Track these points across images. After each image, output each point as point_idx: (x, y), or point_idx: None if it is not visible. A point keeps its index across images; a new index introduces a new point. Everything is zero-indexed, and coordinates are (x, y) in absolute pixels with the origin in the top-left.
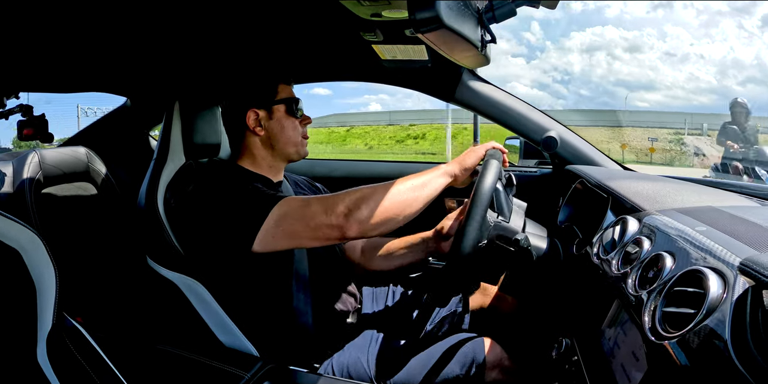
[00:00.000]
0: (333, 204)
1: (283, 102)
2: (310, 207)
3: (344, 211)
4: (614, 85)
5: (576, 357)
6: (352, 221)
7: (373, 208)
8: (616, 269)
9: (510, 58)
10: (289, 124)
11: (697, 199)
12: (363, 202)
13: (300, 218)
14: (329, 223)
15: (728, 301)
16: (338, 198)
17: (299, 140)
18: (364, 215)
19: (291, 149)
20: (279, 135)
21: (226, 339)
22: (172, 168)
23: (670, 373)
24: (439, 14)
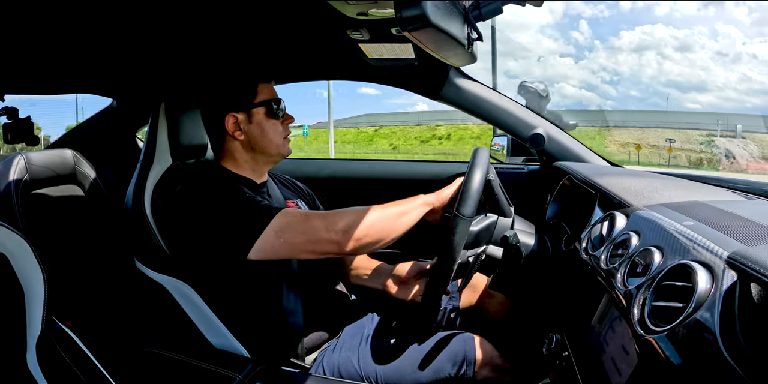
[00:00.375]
0: (333, 221)
1: (263, 104)
2: (312, 221)
3: (344, 228)
4: (665, 86)
5: (566, 352)
6: (350, 238)
7: (369, 227)
8: (604, 264)
9: (558, 58)
10: (270, 126)
11: (685, 194)
12: (360, 221)
13: (302, 232)
14: (329, 238)
15: (717, 294)
16: (337, 216)
17: (281, 141)
18: (361, 233)
19: (273, 151)
20: (260, 138)
21: (216, 340)
22: (159, 169)
23: (660, 366)
24: (425, 12)
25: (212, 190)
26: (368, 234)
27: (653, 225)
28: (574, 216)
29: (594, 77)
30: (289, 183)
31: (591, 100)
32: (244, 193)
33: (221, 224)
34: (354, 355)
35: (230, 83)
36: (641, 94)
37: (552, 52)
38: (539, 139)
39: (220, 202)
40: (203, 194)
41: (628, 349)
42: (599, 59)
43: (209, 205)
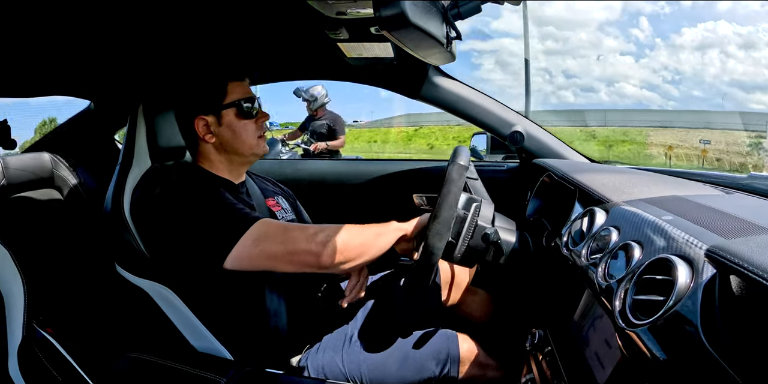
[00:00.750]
0: (312, 232)
1: (233, 105)
2: (291, 232)
3: (323, 240)
4: (728, 86)
5: (549, 347)
6: (329, 250)
7: (347, 244)
8: (585, 260)
9: (618, 57)
10: (241, 126)
11: (663, 189)
12: (338, 235)
13: (281, 241)
14: (308, 250)
15: (697, 287)
16: (317, 228)
17: (255, 141)
18: (339, 248)
19: (247, 152)
20: (232, 140)
21: (199, 344)
22: (138, 172)
23: (643, 359)
24: (404, 12)
25: (190, 195)
26: (347, 249)
27: (633, 220)
28: (554, 212)
29: (655, 76)
30: (268, 181)
31: (652, 100)
32: (224, 198)
33: (198, 232)
34: (338, 355)
35: (197, 85)
36: (704, 94)
37: (612, 50)
38: (518, 137)
39: (198, 208)
40: (181, 199)
41: (611, 343)
42: (660, 58)
43: (187, 212)
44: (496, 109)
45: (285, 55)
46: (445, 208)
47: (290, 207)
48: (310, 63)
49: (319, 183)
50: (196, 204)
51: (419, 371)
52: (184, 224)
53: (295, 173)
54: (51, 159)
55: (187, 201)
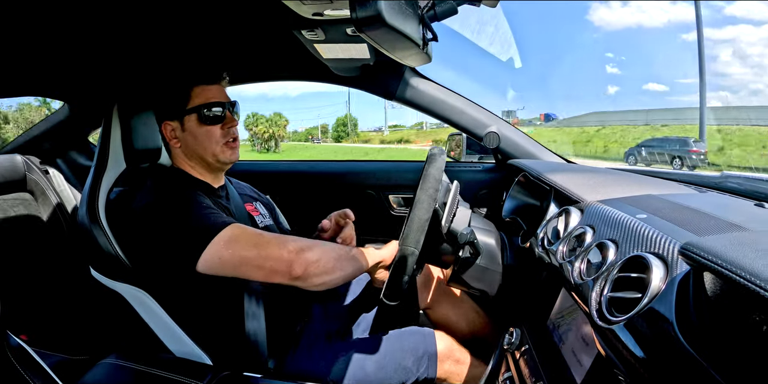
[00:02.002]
0: (286, 240)
1: (195, 110)
2: (264, 237)
3: (296, 249)
4: None
5: (527, 346)
6: (302, 259)
7: (321, 255)
8: (561, 258)
9: None
10: (203, 132)
11: (638, 189)
12: (314, 247)
13: (253, 245)
14: (279, 256)
15: (671, 284)
16: (291, 238)
17: (218, 148)
18: (313, 258)
19: (210, 159)
20: (193, 146)
21: (177, 348)
22: (113, 174)
23: (620, 356)
24: (380, 13)
25: (165, 198)
26: (320, 260)
27: (607, 219)
28: (530, 212)
29: None
30: (247, 188)
31: None
32: (199, 202)
33: (171, 234)
34: (318, 357)
35: (162, 90)
36: None
37: None
38: (493, 138)
39: (171, 211)
40: (156, 202)
41: (587, 340)
42: None
43: (161, 215)
44: (471, 110)
45: (260, 56)
46: (420, 211)
47: (268, 213)
48: (286, 64)
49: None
50: (170, 207)
51: (397, 369)
52: (158, 227)
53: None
54: (24, 161)
55: (162, 204)
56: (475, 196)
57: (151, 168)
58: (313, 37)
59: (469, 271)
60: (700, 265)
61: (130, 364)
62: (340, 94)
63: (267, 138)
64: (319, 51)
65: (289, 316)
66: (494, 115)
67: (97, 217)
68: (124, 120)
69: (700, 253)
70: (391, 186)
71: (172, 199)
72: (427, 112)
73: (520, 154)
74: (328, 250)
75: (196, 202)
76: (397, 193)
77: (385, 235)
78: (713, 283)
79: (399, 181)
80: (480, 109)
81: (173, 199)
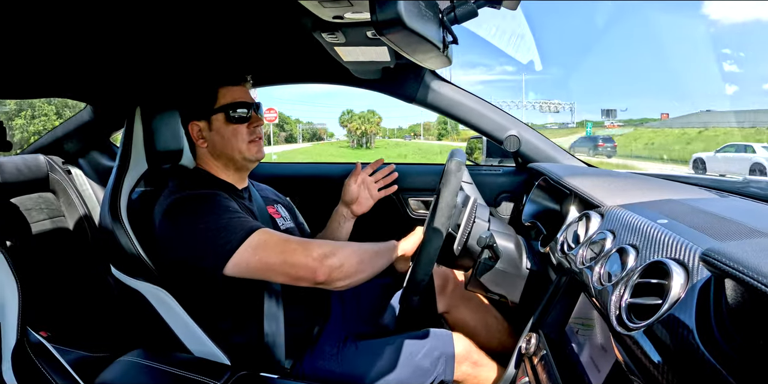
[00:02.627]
0: (311, 246)
1: (222, 110)
2: (290, 243)
3: (321, 255)
4: None
5: (545, 351)
6: (326, 266)
7: (345, 260)
8: (581, 263)
9: None
10: (230, 132)
11: (658, 193)
12: (338, 252)
13: (280, 252)
14: (305, 263)
15: (692, 291)
16: (315, 243)
17: (245, 146)
18: (336, 263)
19: (237, 157)
20: (221, 146)
21: (195, 347)
22: (135, 175)
23: (638, 363)
24: (400, 16)
25: (192, 201)
26: (344, 265)
27: (628, 224)
28: (550, 216)
29: None
30: (268, 190)
31: None
32: (226, 205)
33: (199, 238)
34: (335, 358)
35: (189, 90)
36: None
37: None
38: (514, 141)
39: (200, 215)
40: (183, 203)
41: (606, 346)
42: None
43: (189, 218)
44: (491, 114)
45: (282, 59)
46: (440, 215)
47: (289, 216)
48: (307, 66)
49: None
50: (199, 210)
51: (415, 370)
52: (186, 230)
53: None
54: (47, 162)
55: (190, 207)
56: (495, 200)
57: (172, 169)
58: (334, 39)
59: (487, 274)
60: (721, 271)
61: (148, 362)
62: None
63: (360, 134)
64: (339, 54)
65: (307, 317)
66: (514, 119)
67: (119, 217)
68: (146, 121)
69: (722, 260)
70: (411, 189)
71: (199, 201)
72: (448, 115)
73: (541, 157)
74: (351, 254)
75: (222, 206)
76: (418, 196)
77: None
78: (735, 291)
79: (419, 184)
80: (501, 112)
81: (199, 201)
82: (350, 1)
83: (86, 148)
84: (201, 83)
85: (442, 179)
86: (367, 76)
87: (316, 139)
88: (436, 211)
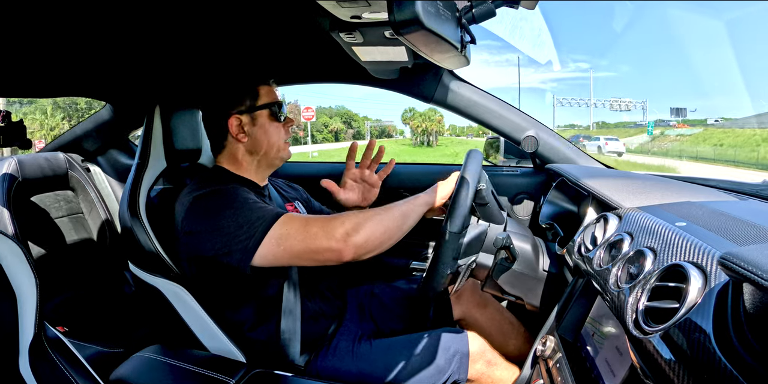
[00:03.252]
0: (332, 228)
1: (267, 106)
2: (311, 228)
3: (343, 235)
4: None
5: (560, 354)
6: (350, 245)
7: (369, 234)
8: (598, 266)
9: None
10: (273, 128)
11: (677, 195)
12: (360, 228)
13: (302, 240)
14: (329, 247)
15: (710, 295)
16: (337, 221)
17: (282, 144)
18: (360, 240)
19: (274, 154)
20: (263, 141)
21: (211, 344)
22: (153, 173)
23: (654, 367)
24: (418, 16)
25: (212, 197)
26: (368, 239)
27: (646, 226)
28: (568, 218)
29: None
30: (286, 186)
31: None
32: (245, 198)
33: (223, 235)
34: (350, 356)
35: (233, 85)
36: None
37: None
38: (532, 142)
39: (221, 210)
40: (203, 201)
41: (622, 350)
42: None
43: (210, 214)
44: (509, 114)
45: (301, 59)
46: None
47: (306, 211)
48: (325, 65)
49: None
50: (220, 206)
51: (430, 369)
52: (208, 228)
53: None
54: (66, 159)
55: (210, 204)
56: (513, 200)
57: (191, 167)
58: (351, 39)
59: (504, 276)
60: (739, 275)
61: (164, 358)
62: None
63: (420, 132)
64: (357, 54)
65: (323, 315)
66: (532, 119)
67: (138, 214)
68: (165, 120)
69: (740, 264)
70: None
71: (218, 197)
72: (465, 116)
73: (559, 158)
74: (375, 225)
75: (240, 199)
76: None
77: (419, 237)
78: (753, 295)
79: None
80: (518, 112)
81: (219, 197)
82: (368, 1)
83: (105, 146)
84: (245, 79)
85: (453, 199)
86: (385, 75)
87: (385, 136)
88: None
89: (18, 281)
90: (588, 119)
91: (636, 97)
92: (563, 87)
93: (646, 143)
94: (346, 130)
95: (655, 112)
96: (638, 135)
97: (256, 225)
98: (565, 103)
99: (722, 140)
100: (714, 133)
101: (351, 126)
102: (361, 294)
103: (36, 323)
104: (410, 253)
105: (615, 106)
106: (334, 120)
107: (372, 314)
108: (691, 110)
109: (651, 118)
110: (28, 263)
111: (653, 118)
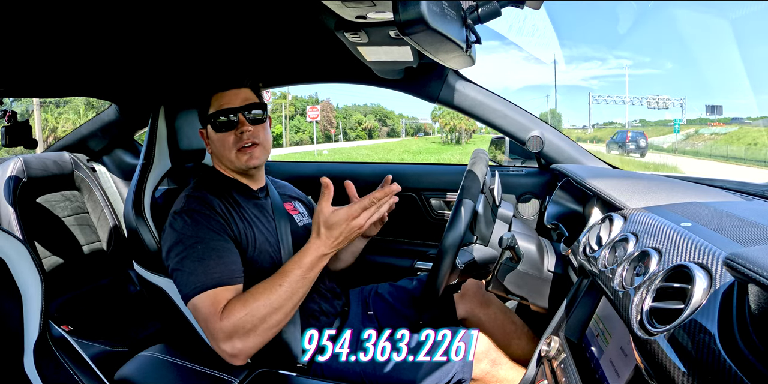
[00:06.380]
0: (216, 331)
1: (211, 117)
2: (209, 323)
3: (225, 335)
4: None
5: (565, 355)
6: (227, 354)
7: (248, 343)
8: (603, 266)
9: None
10: (218, 140)
11: (682, 196)
12: (241, 336)
13: (202, 320)
14: (217, 347)
15: (715, 296)
16: (225, 319)
17: (233, 155)
18: (236, 349)
19: (228, 165)
20: (217, 152)
21: None
22: (158, 173)
23: (659, 368)
24: (423, 16)
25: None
26: (246, 345)
27: (651, 226)
28: (573, 218)
29: None
30: (287, 187)
31: None
32: (201, 239)
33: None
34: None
35: (195, 98)
36: None
37: None
38: (537, 142)
39: (174, 244)
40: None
41: (626, 350)
42: None
43: (168, 239)
44: (514, 114)
45: (306, 59)
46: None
47: (307, 212)
48: (329, 65)
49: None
50: (177, 238)
51: (434, 367)
52: (165, 249)
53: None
54: (71, 159)
55: (175, 227)
56: (518, 200)
57: (195, 167)
58: (356, 39)
59: (509, 276)
60: (745, 276)
61: (168, 357)
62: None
63: (449, 130)
64: (362, 53)
65: (325, 314)
66: (538, 119)
67: (143, 213)
68: (170, 120)
69: (746, 265)
70: (432, 189)
71: (183, 224)
72: (471, 115)
73: (564, 158)
74: (264, 314)
75: (200, 236)
76: (439, 197)
77: (425, 239)
78: (758, 296)
79: (441, 185)
80: (523, 112)
81: (183, 225)
82: (373, 1)
83: (111, 146)
84: (200, 90)
85: (458, 197)
86: (389, 75)
87: (422, 133)
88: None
89: (23, 281)
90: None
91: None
92: (605, 84)
93: (679, 142)
94: (380, 128)
95: (694, 110)
96: (670, 134)
97: (187, 284)
98: (601, 101)
99: (757, 139)
100: (749, 131)
101: (385, 123)
102: (365, 293)
103: (41, 322)
104: (415, 253)
105: (653, 104)
106: (368, 118)
107: (376, 314)
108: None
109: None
110: (34, 263)
111: (694, 116)
